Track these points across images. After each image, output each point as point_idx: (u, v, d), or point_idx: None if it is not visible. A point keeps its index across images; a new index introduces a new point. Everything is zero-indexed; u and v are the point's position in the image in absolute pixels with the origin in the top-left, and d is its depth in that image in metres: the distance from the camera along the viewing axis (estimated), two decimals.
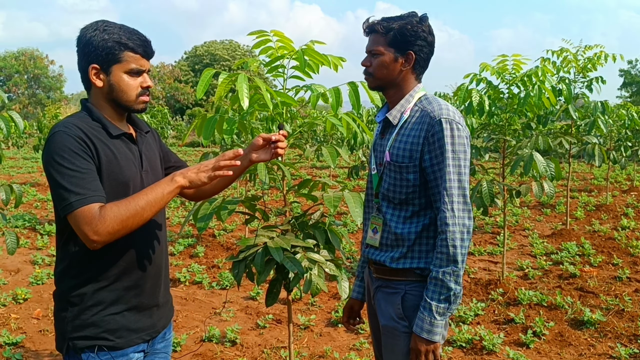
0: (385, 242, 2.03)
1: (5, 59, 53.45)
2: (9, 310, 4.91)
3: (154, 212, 1.67)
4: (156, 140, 2.04)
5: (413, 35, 1.91)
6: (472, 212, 1.90)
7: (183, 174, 1.71)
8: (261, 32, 2.33)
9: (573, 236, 7.55)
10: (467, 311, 4.67)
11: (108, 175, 1.71)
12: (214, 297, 5.33)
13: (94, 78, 1.75)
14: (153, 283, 1.89)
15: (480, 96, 4.88)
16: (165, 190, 1.68)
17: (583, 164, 19.74)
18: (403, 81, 1.98)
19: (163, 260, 1.96)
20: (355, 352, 3.97)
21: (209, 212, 2.45)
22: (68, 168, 1.61)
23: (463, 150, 1.85)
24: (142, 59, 1.79)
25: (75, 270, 1.74)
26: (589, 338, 4.19)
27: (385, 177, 2.01)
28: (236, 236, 7.93)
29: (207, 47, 55.14)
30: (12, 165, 20.11)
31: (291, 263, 2.31)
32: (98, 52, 1.72)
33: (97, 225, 1.57)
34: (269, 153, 2.06)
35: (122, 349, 1.79)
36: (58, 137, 1.65)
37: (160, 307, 1.94)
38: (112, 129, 1.76)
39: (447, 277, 1.81)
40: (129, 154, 1.81)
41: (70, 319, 1.74)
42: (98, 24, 1.75)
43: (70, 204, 1.58)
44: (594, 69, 6.72)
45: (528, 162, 4.35)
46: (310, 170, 18.46)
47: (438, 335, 1.84)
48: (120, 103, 1.79)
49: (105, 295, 1.76)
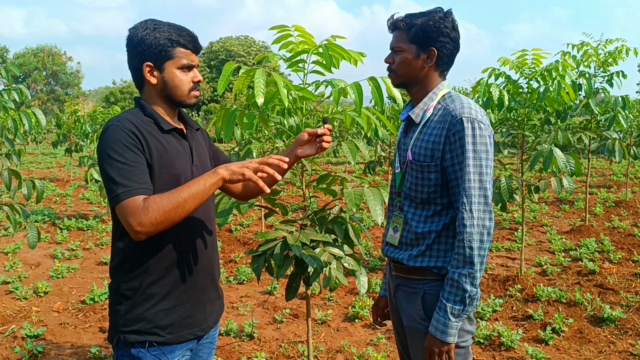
0: (404, 241, 2.01)
1: (25, 56, 54.09)
2: (30, 303, 4.98)
3: (196, 204, 1.67)
4: (205, 138, 2.06)
5: (435, 32, 1.88)
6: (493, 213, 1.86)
7: (226, 167, 1.70)
8: (282, 27, 2.34)
9: (592, 232, 7.46)
10: (485, 307, 4.65)
11: (160, 168, 1.73)
12: (231, 291, 5.36)
13: (148, 75, 1.78)
14: (204, 277, 1.89)
15: (500, 91, 4.84)
16: (207, 182, 1.67)
17: (602, 159, 19.51)
18: (426, 78, 1.96)
19: (214, 254, 1.96)
20: (373, 347, 3.97)
21: (228, 207, 2.47)
22: (118, 160, 1.64)
23: (485, 150, 1.82)
24: (192, 54, 1.83)
25: (129, 264, 1.76)
26: (609, 335, 4.15)
27: (408, 176, 1.99)
28: (253, 231, 7.97)
29: (223, 43, 55.31)
30: (31, 160, 20.39)
31: (310, 257, 2.32)
32: (151, 50, 1.75)
33: (140, 216, 1.58)
34: (314, 147, 2.07)
35: (171, 345, 1.79)
36: (111, 131, 1.68)
37: (212, 302, 1.94)
38: (163, 124, 1.79)
39: (463, 278, 1.79)
40: (180, 149, 1.83)
41: (123, 312, 1.76)
42: (147, 23, 1.78)
43: (117, 195, 1.61)
44: (615, 64, 6.62)
45: (548, 158, 4.31)
46: (325, 166, 18.47)
47: (452, 336, 1.82)
48: (173, 98, 1.82)
49: (157, 289, 1.77)
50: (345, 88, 2.33)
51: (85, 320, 4.60)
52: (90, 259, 6.60)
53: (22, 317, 4.62)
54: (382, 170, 14.81)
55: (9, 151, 4.63)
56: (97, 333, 4.34)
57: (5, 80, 3.95)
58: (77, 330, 4.40)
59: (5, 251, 6.76)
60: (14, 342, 4.11)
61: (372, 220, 8.25)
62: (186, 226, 1.80)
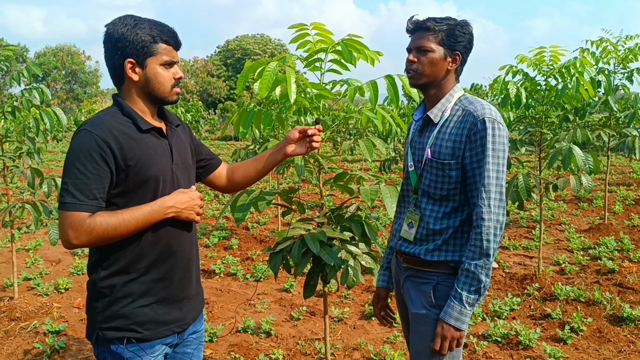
0: (419, 237, 2.08)
1: (45, 55, 54.77)
2: (52, 299, 5.06)
3: (137, 231, 1.75)
4: (187, 133, 2.06)
5: (462, 37, 2.00)
6: (507, 209, 1.95)
7: (176, 208, 1.81)
8: (301, 25, 2.35)
9: (611, 231, 7.38)
10: (503, 306, 4.63)
11: (137, 171, 1.74)
12: (248, 288, 5.40)
13: (130, 72, 1.77)
14: (182, 275, 1.91)
15: (517, 88, 4.80)
16: (153, 216, 1.76)
17: (621, 157, 19.25)
18: (446, 80, 2.05)
19: (193, 252, 1.98)
20: (390, 345, 3.97)
21: (247, 203, 2.49)
22: (78, 169, 1.66)
23: (502, 150, 1.92)
24: (173, 50, 1.83)
25: (106, 262, 1.78)
26: (629, 335, 4.11)
27: (426, 173, 2.06)
28: (269, 229, 8.00)
29: (239, 41, 55.51)
30: (51, 158, 20.67)
31: (328, 255, 2.33)
32: (133, 46, 1.74)
33: (81, 234, 1.65)
34: (304, 146, 2.11)
35: (149, 341, 1.82)
36: (81, 136, 1.70)
37: (190, 299, 1.96)
38: (141, 124, 1.79)
39: (479, 269, 1.89)
40: (159, 148, 1.83)
41: (100, 309, 1.78)
42: (127, 19, 1.77)
43: (64, 204, 1.66)
44: (635, 60, 6.53)
45: (567, 156, 4.27)
46: (341, 164, 18.46)
47: (465, 324, 1.92)
48: (155, 95, 1.82)
49: (134, 288, 1.79)
50: (362, 87, 2.34)
51: None
52: None
53: (43, 313, 4.70)
54: (397, 168, 14.77)
55: (30, 149, 4.70)
56: None
57: (26, 80, 4.01)
58: None
59: (26, 248, 6.88)
60: (36, 338, 4.18)
61: (388, 218, 8.24)
62: (165, 227, 1.82)
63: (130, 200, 1.75)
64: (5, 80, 43.92)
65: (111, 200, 1.74)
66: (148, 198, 1.78)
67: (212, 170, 2.17)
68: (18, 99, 4.12)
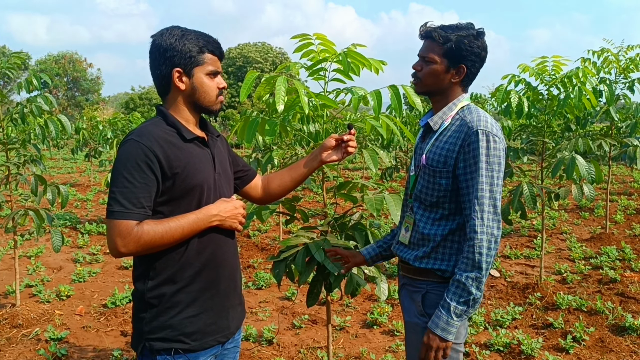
0: (413, 241, 2.09)
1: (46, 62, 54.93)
2: (53, 306, 5.06)
3: (183, 239, 1.76)
4: (225, 145, 2.09)
5: (468, 50, 1.95)
6: (501, 223, 1.94)
7: (220, 216, 1.83)
8: (304, 35, 2.37)
9: (613, 240, 7.38)
10: (505, 315, 4.62)
11: (183, 179, 1.76)
12: (250, 296, 5.39)
13: (177, 81, 1.80)
14: (227, 284, 1.92)
15: (519, 97, 4.82)
16: (200, 225, 1.78)
17: (622, 166, 19.25)
18: (450, 90, 2.03)
19: (236, 261, 2.00)
20: (392, 354, 3.97)
21: (250, 212, 2.50)
22: (125, 178, 1.68)
23: (497, 162, 1.88)
24: (218, 60, 1.87)
25: (153, 272, 1.78)
26: (631, 344, 4.10)
27: (420, 179, 2.07)
28: (271, 237, 8.01)
29: (241, 49, 55.64)
30: (52, 165, 20.70)
31: (332, 264, 2.34)
32: (181, 55, 1.78)
33: (129, 242, 1.66)
34: (339, 153, 2.15)
35: (196, 352, 1.82)
36: (128, 146, 1.71)
37: (234, 308, 1.97)
38: (185, 133, 1.82)
39: (470, 281, 1.86)
40: (202, 157, 1.86)
41: (148, 319, 1.78)
42: (174, 30, 1.81)
43: (112, 212, 1.67)
44: (636, 70, 6.56)
45: (570, 165, 4.28)
46: (342, 172, 18.47)
47: (452, 334, 1.89)
48: (201, 104, 1.86)
49: (182, 297, 1.79)
50: (365, 96, 2.36)
51: (107, 323, 4.66)
52: (110, 263, 6.68)
53: (45, 320, 4.69)
54: (399, 177, 14.78)
55: (32, 156, 4.71)
56: (118, 337, 4.40)
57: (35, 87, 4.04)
58: (99, 333, 4.46)
59: (28, 255, 6.88)
60: (38, 345, 4.18)
61: (389, 227, 8.24)
62: (210, 235, 1.83)
63: (176, 209, 1.77)
64: (12, 87, 44.11)
65: (157, 208, 1.75)
66: (193, 206, 1.79)
67: (248, 182, 2.19)
68: (27, 106, 4.14)
